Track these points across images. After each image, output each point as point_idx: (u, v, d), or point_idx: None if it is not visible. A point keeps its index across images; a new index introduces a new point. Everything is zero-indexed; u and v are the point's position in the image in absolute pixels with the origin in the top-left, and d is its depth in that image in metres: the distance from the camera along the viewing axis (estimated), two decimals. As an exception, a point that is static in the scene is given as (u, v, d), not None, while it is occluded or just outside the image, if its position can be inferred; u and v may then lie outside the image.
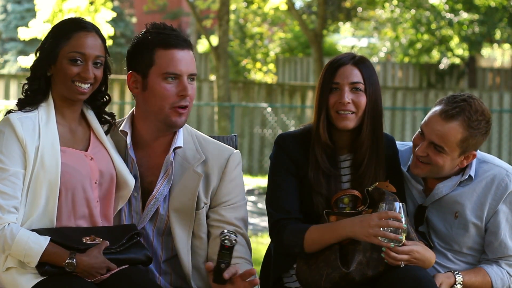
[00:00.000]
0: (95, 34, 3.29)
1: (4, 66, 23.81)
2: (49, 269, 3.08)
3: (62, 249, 3.09)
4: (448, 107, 3.49)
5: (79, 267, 3.07)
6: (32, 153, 3.14)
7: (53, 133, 3.21)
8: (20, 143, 3.14)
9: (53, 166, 3.15)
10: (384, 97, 18.96)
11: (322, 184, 3.49)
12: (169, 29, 3.34)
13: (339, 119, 3.47)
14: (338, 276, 3.32)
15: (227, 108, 16.07)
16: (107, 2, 14.95)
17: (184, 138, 3.39)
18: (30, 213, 3.15)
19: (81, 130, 3.33)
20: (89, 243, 3.14)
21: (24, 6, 24.13)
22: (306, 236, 3.40)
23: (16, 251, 3.08)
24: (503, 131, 18.94)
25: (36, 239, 3.08)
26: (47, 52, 3.24)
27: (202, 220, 3.35)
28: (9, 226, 3.08)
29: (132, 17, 27.20)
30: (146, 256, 3.24)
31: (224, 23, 15.83)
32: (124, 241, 3.20)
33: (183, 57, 3.29)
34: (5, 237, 3.07)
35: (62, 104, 3.28)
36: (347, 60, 3.51)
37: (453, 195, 3.61)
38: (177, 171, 3.35)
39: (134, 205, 3.37)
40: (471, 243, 3.62)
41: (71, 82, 3.22)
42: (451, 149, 3.49)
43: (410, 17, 21.81)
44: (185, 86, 3.28)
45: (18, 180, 3.13)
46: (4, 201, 3.09)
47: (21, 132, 3.14)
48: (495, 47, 27.52)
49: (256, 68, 22.97)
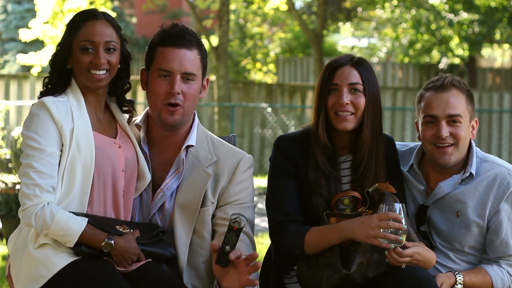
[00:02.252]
0: (105, 21, 3.33)
1: (4, 66, 23.80)
2: (85, 249, 3.13)
3: (100, 231, 3.14)
4: (437, 83, 3.61)
5: (116, 248, 3.13)
6: (68, 135, 3.19)
7: (85, 117, 3.26)
8: (56, 125, 3.19)
9: (88, 150, 3.20)
10: (384, 97, 19.01)
11: (322, 186, 3.49)
12: (177, 29, 3.38)
13: (338, 121, 3.47)
14: (338, 278, 3.32)
15: (227, 108, 16.07)
16: (107, 2, 14.96)
17: (198, 138, 3.42)
18: (65, 195, 3.18)
19: (107, 119, 3.39)
20: (122, 231, 3.19)
21: (24, 6, 24.12)
22: (307, 238, 3.41)
23: (55, 231, 3.11)
24: (503, 131, 18.94)
25: (75, 219, 3.12)
26: (62, 45, 3.31)
27: (206, 218, 3.36)
28: (48, 205, 3.12)
29: (132, 17, 27.18)
30: (172, 254, 3.30)
31: (224, 23, 15.83)
32: (153, 235, 3.26)
33: (178, 55, 3.32)
34: (44, 217, 3.10)
35: (86, 93, 3.32)
36: (345, 61, 3.52)
37: (455, 194, 3.62)
38: (187, 169, 3.38)
39: (145, 199, 3.41)
40: (472, 242, 3.63)
41: (86, 71, 3.28)
42: (464, 114, 3.58)
43: (410, 17, 21.79)
44: (173, 84, 3.31)
45: (55, 161, 3.17)
46: (42, 180, 3.13)
47: (57, 114, 3.19)
48: (495, 47, 27.51)
49: (256, 68, 22.97)
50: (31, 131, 3.18)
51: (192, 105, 3.39)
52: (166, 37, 3.36)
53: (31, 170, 3.13)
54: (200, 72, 3.40)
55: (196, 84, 3.38)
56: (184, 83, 3.34)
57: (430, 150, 3.60)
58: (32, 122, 3.20)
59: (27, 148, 3.17)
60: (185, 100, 3.34)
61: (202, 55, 3.41)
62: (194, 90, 3.37)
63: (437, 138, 3.56)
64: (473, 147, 3.68)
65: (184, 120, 3.38)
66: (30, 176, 3.13)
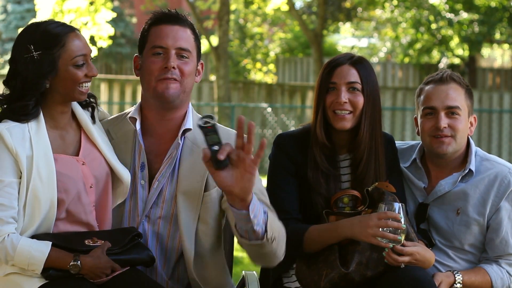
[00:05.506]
0: (78, 31, 3.25)
1: (4, 66, 23.80)
2: (54, 273, 3.08)
3: (65, 252, 3.08)
4: (437, 77, 3.65)
5: (84, 268, 3.06)
6: (25, 163, 3.11)
7: (44, 141, 3.17)
8: (11, 153, 3.10)
9: (49, 177, 3.13)
10: (384, 97, 18.99)
11: (322, 184, 3.49)
12: (170, 11, 3.36)
13: (336, 120, 3.48)
14: (337, 276, 3.32)
15: (227, 108, 16.07)
16: (107, 2, 14.96)
17: (194, 123, 3.34)
18: (30, 224, 3.13)
19: (71, 133, 3.29)
20: (91, 245, 3.12)
21: (24, 6, 24.13)
22: (306, 236, 3.40)
23: (19, 261, 3.06)
24: (503, 131, 18.93)
25: (38, 246, 3.06)
26: (42, 67, 3.13)
27: (210, 203, 3.30)
28: (9, 237, 3.07)
29: (132, 17, 27.19)
30: (149, 256, 3.22)
31: (224, 23, 15.85)
32: (126, 242, 3.18)
33: (171, 31, 3.29)
34: (6, 249, 3.06)
35: (54, 110, 3.23)
36: (344, 60, 3.52)
37: (456, 192, 3.63)
38: (186, 154, 3.32)
39: (141, 194, 3.34)
40: (472, 240, 3.63)
41: (77, 86, 3.19)
42: (463, 107, 3.60)
43: (410, 17, 21.80)
44: (168, 59, 3.26)
45: (13, 190, 3.10)
46: (2, 213, 3.07)
47: (11, 142, 3.10)
48: (495, 47, 27.52)
49: (256, 68, 22.98)
50: None
51: (189, 83, 3.31)
52: (159, 17, 3.33)
53: None
54: (195, 52, 3.34)
55: (191, 62, 3.31)
56: (179, 59, 3.28)
57: (429, 141, 3.62)
58: None
59: None
60: (182, 76, 3.27)
61: (195, 36, 3.36)
62: (190, 67, 3.31)
63: (436, 129, 3.58)
64: (471, 144, 3.69)
65: (180, 98, 3.29)
66: None
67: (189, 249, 3.28)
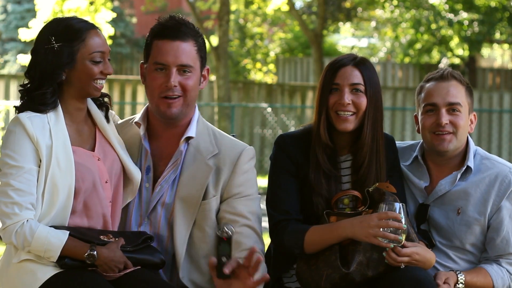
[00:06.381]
0: (99, 30, 3.33)
1: (4, 66, 23.80)
2: (69, 261, 3.11)
3: (82, 242, 3.13)
4: (437, 74, 3.67)
5: (100, 259, 3.10)
6: (45, 151, 3.17)
7: (63, 133, 3.23)
8: (32, 141, 3.16)
9: (68, 166, 3.18)
10: (384, 97, 18.78)
11: (323, 185, 3.49)
12: (173, 21, 3.36)
13: (339, 121, 3.47)
14: (338, 277, 3.32)
15: (227, 108, 16.07)
16: (107, 3, 14.97)
17: (199, 130, 3.40)
18: (47, 213, 3.17)
19: (87, 130, 3.35)
20: (106, 240, 3.17)
21: (24, 6, 24.12)
22: (306, 237, 3.40)
23: (36, 247, 3.10)
24: (503, 131, 18.94)
25: (56, 233, 3.11)
26: (61, 58, 3.22)
27: (208, 211, 3.34)
28: (28, 222, 3.11)
29: (132, 18, 27.17)
30: (161, 260, 3.27)
31: (224, 23, 15.85)
32: (139, 242, 3.24)
33: (172, 48, 3.31)
34: (24, 234, 3.09)
35: (71, 105, 3.30)
36: (347, 61, 3.51)
37: (456, 191, 3.63)
38: (189, 161, 3.36)
39: (145, 196, 3.39)
40: (473, 239, 3.63)
41: (92, 81, 3.26)
42: (464, 104, 3.61)
43: (410, 17, 21.79)
44: (169, 77, 3.29)
45: (33, 177, 3.15)
46: (21, 198, 3.12)
47: (32, 130, 3.16)
48: (495, 47, 27.51)
49: (256, 68, 22.97)
50: (7, 149, 3.16)
51: (192, 96, 3.36)
52: (161, 30, 3.34)
53: (9, 189, 3.12)
54: (198, 63, 3.37)
55: (194, 75, 3.35)
56: (181, 75, 3.32)
57: (429, 138, 3.62)
58: (9, 140, 3.18)
59: (5, 166, 3.15)
60: (185, 91, 3.32)
61: (198, 46, 3.37)
62: (193, 81, 3.35)
63: (437, 125, 3.58)
64: (470, 142, 3.70)
65: (183, 112, 3.35)
66: (8, 194, 3.12)
67: (180, 253, 3.33)
